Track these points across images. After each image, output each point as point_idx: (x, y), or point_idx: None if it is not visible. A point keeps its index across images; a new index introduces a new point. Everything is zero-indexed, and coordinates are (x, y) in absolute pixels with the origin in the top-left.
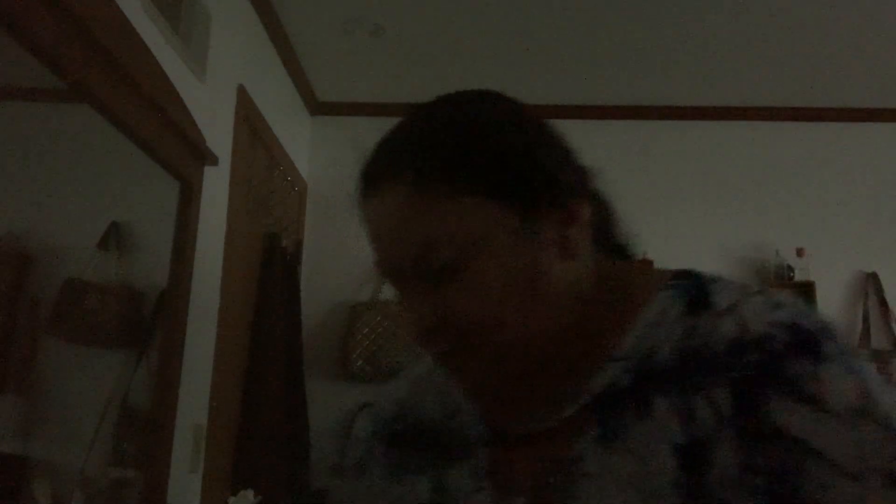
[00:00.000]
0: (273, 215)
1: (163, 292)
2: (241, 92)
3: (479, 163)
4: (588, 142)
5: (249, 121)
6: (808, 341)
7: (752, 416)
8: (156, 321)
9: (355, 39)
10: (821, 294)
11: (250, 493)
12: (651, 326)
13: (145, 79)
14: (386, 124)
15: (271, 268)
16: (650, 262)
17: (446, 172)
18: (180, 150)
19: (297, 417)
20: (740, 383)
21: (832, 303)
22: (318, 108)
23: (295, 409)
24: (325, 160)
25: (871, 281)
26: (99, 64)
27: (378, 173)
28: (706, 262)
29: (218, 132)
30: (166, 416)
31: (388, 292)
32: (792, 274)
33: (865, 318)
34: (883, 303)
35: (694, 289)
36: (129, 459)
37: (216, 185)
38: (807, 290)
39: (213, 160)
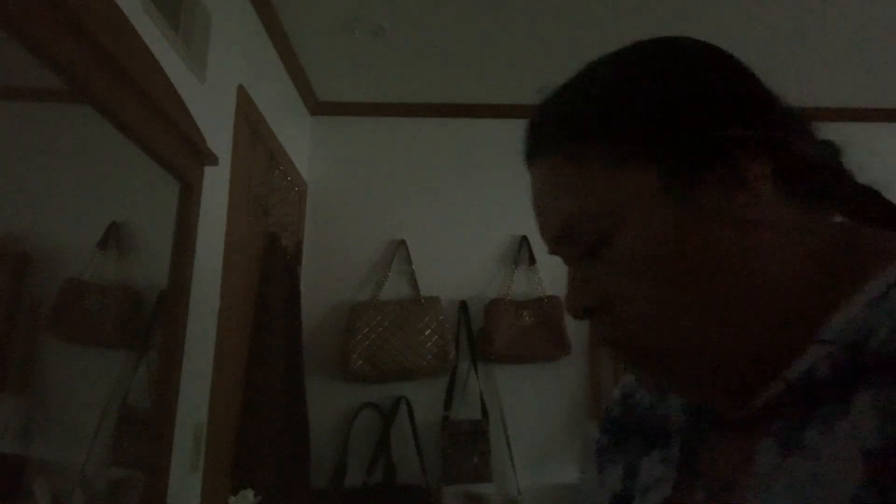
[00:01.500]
0: (273, 215)
1: (163, 292)
2: (241, 92)
3: (621, 123)
4: None
5: (249, 121)
6: None
7: None
8: (156, 321)
9: (355, 39)
10: None
11: (250, 493)
12: (872, 304)
13: (145, 79)
14: (386, 124)
15: (271, 268)
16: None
17: (589, 138)
18: (180, 150)
19: (297, 417)
20: None
21: None
22: (318, 108)
23: (295, 409)
24: (325, 160)
25: None
26: (99, 64)
27: (528, 140)
28: None
29: (218, 132)
30: (166, 416)
31: (388, 292)
32: None
33: None
34: None
35: None
36: (129, 459)
37: (216, 185)
38: None
39: (213, 160)
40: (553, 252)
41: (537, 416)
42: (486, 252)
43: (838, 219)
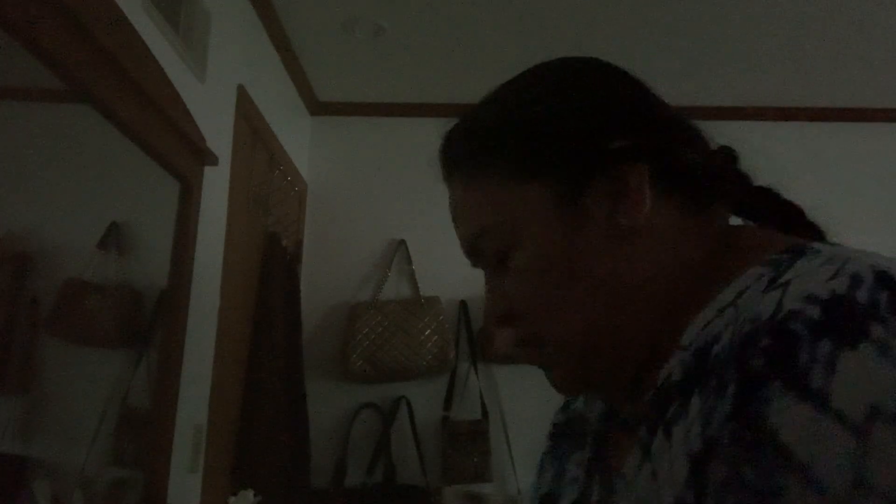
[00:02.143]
0: (273, 215)
1: (163, 292)
2: (241, 92)
3: (507, 141)
4: None
5: (249, 121)
6: (846, 318)
7: (749, 416)
8: (156, 321)
9: (355, 39)
10: None
11: (250, 493)
12: (722, 310)
13: (145, 79)
14: (386, 124)
15: (271, 268)
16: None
17: (482, 159)
18: (180, 150)
19: (297, 417)
20: (748, 376)
21: None
22: (318, 108)
23: (295, 409)
24: (325, 160)
25: None
26: (99, 64)
27: (441, 164)
28: None
29: (218, 132)
30: (166, 416)
31: (388, 292)
32: None
33: None
34: None
35: (787, 262)
36: (129, 459)
37: (216, 185)
38: None
39: (213, 160)
40: (472, 265)
41: (537, 416)
42: None
43: (737, 222)
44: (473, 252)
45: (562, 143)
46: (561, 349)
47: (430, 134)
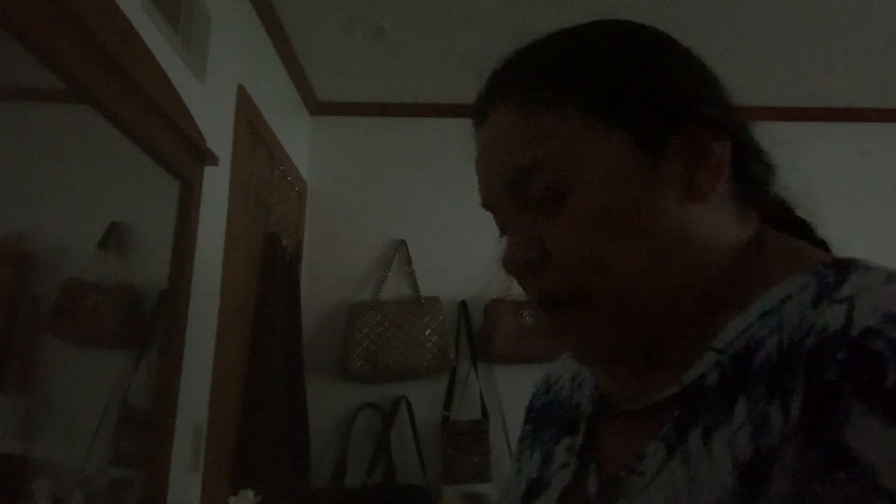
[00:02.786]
0: (273, 215)
1: (163, 292)
2: (241, 92)
3: (591, 79)
4: None
5: (249, 121)
6: None
7: (824, 432)
8: (156, 321)
9: (355, 39)
10: None
11: (250, 493)
12: (764, 315)
13: (145, 79)
14: (386, 124)
15: (271, 268)
16: (820, 242)
17: (553, 90)
18: (180, 150)
19: (297, 417)
20: (819, 388)
21: None
22: (318, 108)
23: (295, 409)
24: (325, 160)
25: None
26: (99, 64)
27: (483, 97)
28: None
29: (218, 132)
30: (166, 416)
31: (388, 292)
32: None
33: None
34: None
35: (834, 275)
36: (129, 459)
37: (216, 185)
38: None
39: (213, 160)
40: (489, 206)
41: None
42: (485, 252)
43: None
44: (512, 188)
45: (653, 94)
46: (609, 304)
47: (430, 134)
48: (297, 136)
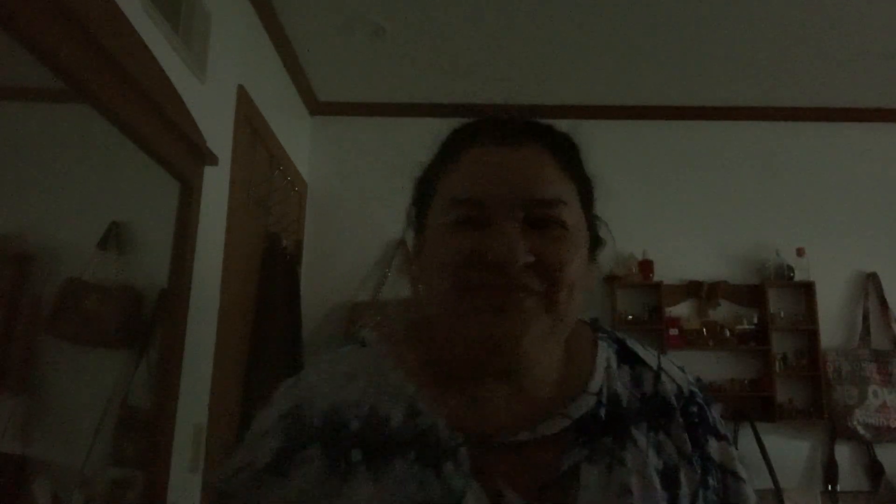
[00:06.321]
0: (273, 215)
1: (163, 292)
2: (241, 92)
3: (583, 172)
4: (588, 142)
5: (249, 121)
6: (705, 396)
7: (700, 450)
8: (156, 321)
9: (355, 39)
10: (821, 294)
11: None
12: (607, 370)
13: (145, 79)
14: (386, 124)
15: (271, 268)
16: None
17: (568, 159)
18: (180, 150)
19: None
20: (690, 427)
21: (832, 303)
22: (318, 108)
23: None
24: (325, 160)
25: (871, 281)
26: (99, 64)
27: (522, 129)
28: (706, 262)
29: (218, 132)
30: (166, 416)
31: (388, 292)
32: (792, 274)
33: (865, 318)
34: (883, 303)
35: (615, 342)
36: (129, 459)
37: (216, 185)
38: (807, 290)
39: (213, 160)
40: (484, 203)
41: None
42: None
43: None
44: (551, 204)
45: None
46: (562, 314)
47: (430, 134)
48: (297, 136)
